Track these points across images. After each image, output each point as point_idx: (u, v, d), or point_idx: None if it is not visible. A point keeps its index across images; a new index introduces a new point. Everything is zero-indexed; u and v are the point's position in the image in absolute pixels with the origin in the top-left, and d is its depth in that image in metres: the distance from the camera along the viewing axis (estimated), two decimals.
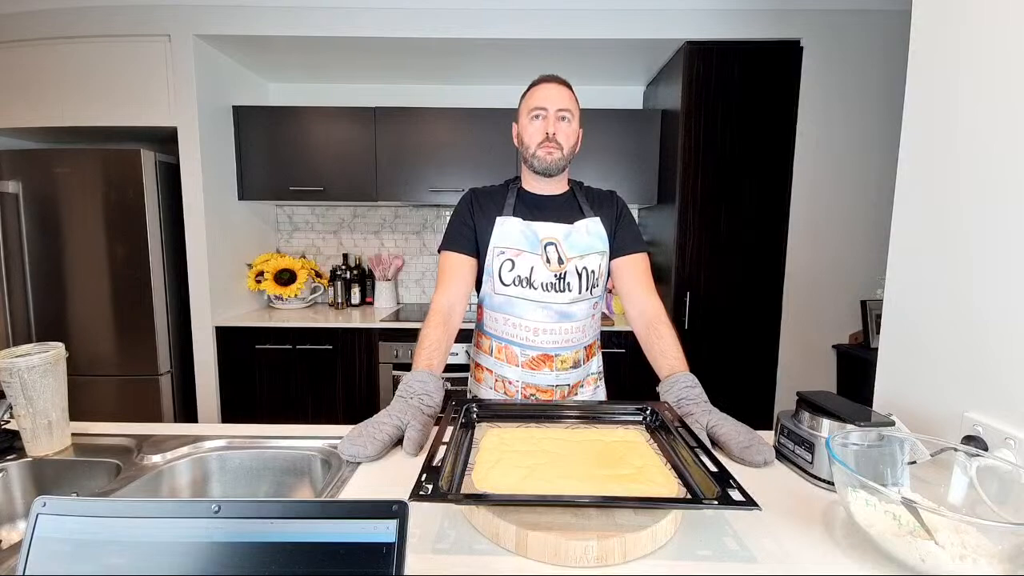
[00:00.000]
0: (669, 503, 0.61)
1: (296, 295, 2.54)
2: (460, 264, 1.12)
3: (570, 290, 1.09)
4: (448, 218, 1.30)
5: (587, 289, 1.11)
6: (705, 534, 0.63)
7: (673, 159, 2.20)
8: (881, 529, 0.57)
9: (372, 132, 2.41)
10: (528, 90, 1.12)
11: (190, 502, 0.45)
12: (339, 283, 2.65)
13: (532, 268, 1.08)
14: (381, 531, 0.42)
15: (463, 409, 0.86)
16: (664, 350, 1.04)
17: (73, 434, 0.93)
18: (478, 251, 1.13)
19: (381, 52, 2.31)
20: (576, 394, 1.17)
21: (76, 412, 0.94)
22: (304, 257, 2.79)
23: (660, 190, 2.41)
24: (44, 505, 0.44)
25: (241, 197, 2.46)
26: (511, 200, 1.13)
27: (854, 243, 2.19)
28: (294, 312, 2.54)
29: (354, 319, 2.36)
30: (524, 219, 1.11)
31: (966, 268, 0.79)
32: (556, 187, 1.16)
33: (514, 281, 1.09)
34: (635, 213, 2.80)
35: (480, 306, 1.19)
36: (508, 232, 1.10)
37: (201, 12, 2.10)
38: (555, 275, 1.08)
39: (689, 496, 0.62)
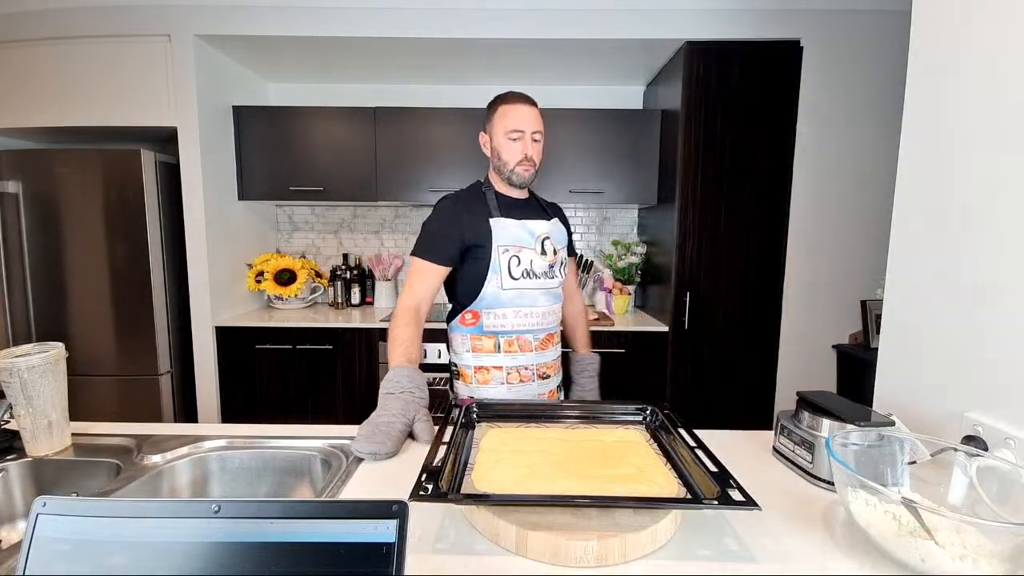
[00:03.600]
0: (669, 503, 0.61)
1: (296, 295, 2.54)
2: (432, 272, 1.19)
3: (557, 276, 1.28)
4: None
5: (562, 274, 1.31)
6: (705, 534, 0.63)
7: (673, 159, 2.20)
8: (881, 529, 0.57)
9: (372, 132, 2.41)
10: (499, 105, 1.20)
11: (190, 502, 0.45)
12: (339, 283, 2.65)
13: (532, 261, 1.22)
14: (381, 531, 0.43)
15: (463, 409, 0.86)
16: (581, 336, 1.46)
17: (73, 434, 0.93)
18: (462, 258, 1.20)
19: (381, 52, 2.31)
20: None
21: (76, 412, 0.94)
22: (304, 257, 2.78)
23: (660, 190, 2.41)
24: (44, 505, 0.44)
25: (241, 197, 2.46)
26: (493, 202, 1.23)
27: (854, 243, 2.19)
28: (294, 312, 2.54)
29: (354, 319, 2.36)
30: (516, 219, 1.22)
31: (966, 268, 0.79)
32: (523, 192, 1.30)
33: (523, 274, 1.21)
34: (635, 213, 2.81)
35: (475, 312, 1.20)
36: (509, 232, 1.20)
37: (201, 12, 2.10)
38: (548, 264, 1.24)
39: (689, 496, 0.62)
